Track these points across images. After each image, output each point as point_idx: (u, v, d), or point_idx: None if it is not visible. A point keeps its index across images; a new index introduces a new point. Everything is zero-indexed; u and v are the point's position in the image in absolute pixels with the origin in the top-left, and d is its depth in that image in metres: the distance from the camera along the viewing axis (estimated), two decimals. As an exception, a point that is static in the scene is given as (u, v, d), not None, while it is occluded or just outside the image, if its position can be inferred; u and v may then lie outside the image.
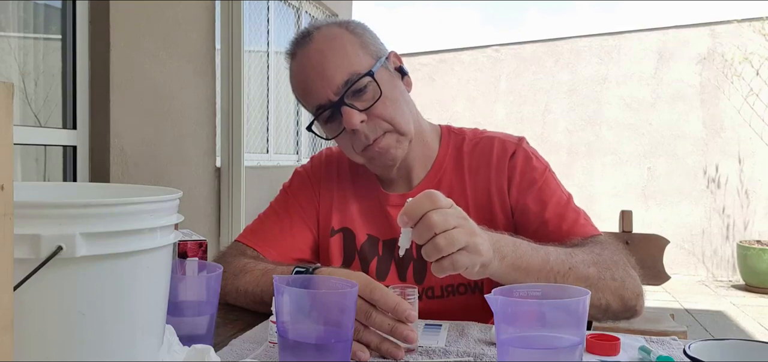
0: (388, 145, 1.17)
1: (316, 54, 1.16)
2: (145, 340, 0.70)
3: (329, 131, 1.21)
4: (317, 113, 1.19)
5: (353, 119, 1.13)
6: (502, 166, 1.23)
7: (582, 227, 1.16)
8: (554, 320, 0.75)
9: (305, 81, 1.18)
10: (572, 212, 1.18)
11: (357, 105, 1.14)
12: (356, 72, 1.14)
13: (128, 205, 0.65)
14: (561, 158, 6.92)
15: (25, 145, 2.51)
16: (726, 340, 0.81)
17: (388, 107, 1.16)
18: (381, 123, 1.16)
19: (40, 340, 0.61)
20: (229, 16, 3.49)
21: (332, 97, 1.14)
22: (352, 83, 1.14)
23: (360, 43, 1.19)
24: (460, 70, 7.39)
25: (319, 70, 1.15)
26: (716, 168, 6.65)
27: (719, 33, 6.60)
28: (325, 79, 1.14)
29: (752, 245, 5.95)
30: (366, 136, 1.16)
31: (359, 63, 1.16)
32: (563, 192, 1.21)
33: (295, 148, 5.38)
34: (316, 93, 1.16)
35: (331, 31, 1.19)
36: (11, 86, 0.51)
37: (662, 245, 2.53)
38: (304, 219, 1.30)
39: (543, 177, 1.21)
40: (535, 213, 1.18)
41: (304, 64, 1.18)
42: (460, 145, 1.28)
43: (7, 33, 2.49)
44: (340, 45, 1.17)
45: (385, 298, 0.89)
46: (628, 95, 6.93)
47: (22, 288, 0.57)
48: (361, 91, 1.15)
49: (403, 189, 1.27)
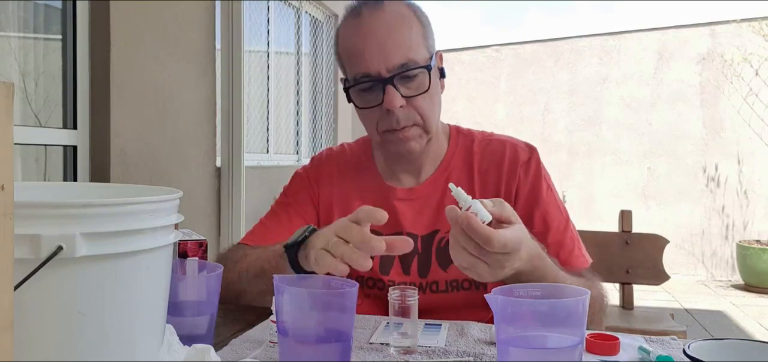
0: (412, 136, 1.19)
1: (382, 24, 1.16)
2: (145, 340, 0.70)
3: (361, 100, 1.20)
4: (360, 80, 1.18)
5: (396, 102, 1.15)
6: (513, 170, 1.24)
7: (576, 258, 1.20)
8: (554, 320, 0.75)
9: (362, 46, 1.17)
10: (569, 240, 1.22)
11: (401, 89, 1.16)
12: (414, 59, 1.16)
13: (128, 205, 0.65)
14: (561, 158, 6.92)
15: (26, 145, 2.51)
16: (726, 340, 0.81)
17: (426, 103, 1.18)
18: (415, 115, 1.18)
19: (40, 340, 0.61)
20: (229, 16, 3.48)
21: (383, 73, 1.15)
22: (408, 69, 1.15)
23: (424, 32, 1.20)
24: (460, 70, 7.38)
25: (380, 42, 1.15)
26: (716, 168, 6.65)
27: (719, 33, 6.60)
28: (384, 53, 1.15)
29: (752, 245, 5.95)
30: (397, 120, 1.17)
31: (418, 51, 1.17)
32: (563, 215, 1.24)
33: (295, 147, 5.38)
34: (368, 61, 1.16)
35: (401, 9, 1.19)
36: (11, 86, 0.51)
37: (662, 245, 2.53)
38: (304, 219, 1.30)
39: (549, 196, 1.24)
40: (537, 234, 1.19)
41: (366, 29, 1.17)
42: (470, 145, 1.30)
43: (8, 33, 2.49)
44: (407, 26, 1.18)
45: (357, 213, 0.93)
46: (628, 95, 6.92)
47: (22, 288, 0.57)
48: (410, 79, 1.16)
49: (410, 183, 1.28)
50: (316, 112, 5.80)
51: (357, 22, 1.19)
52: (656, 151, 6.82)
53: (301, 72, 5.42)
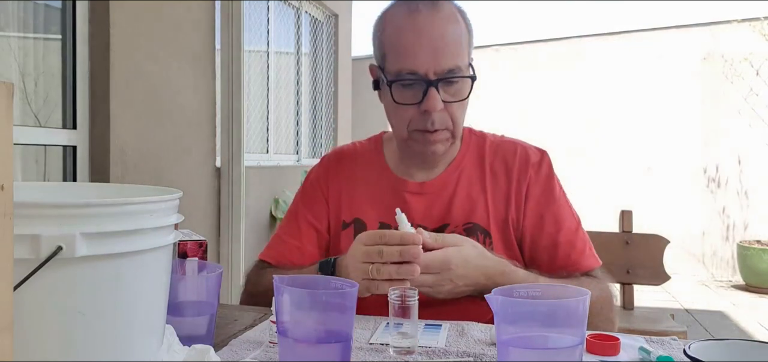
0: (441, 139, 1.20)
1: (438, 26, 1.15)
2: (145, 340, 0.70)
3: (399, 96, 1.19)
4: (404, 76, 1.17)
5: (437, 105, 1.15)
6: (524, 172, 1.26)
7: (586, 259, 1.22)
8: (554, 320, 0.75)
9: (414, 42, 1.15)
10: (580, 241, 1.24)
11: (442, 93, 1.16)
12: (460, 67, 1.17)
13: (128, 205, 0.65)
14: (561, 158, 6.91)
15: (25, 145, 2.51)
16: (726, 340, 0.81)
17: (460, 110, 1.20)
18: (448, 120, 1.19)
19: (40, 340, 0.61)
20: (229, 16, 3.48)
21: (430, 75, 1.15)
22: (454, 75, 1.16)
23: (469, 40, 1.21)
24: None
25: (434, 43, 1.15)
26: (716, 168, 6.65)
27: (719, 33, 6.60)
28: (435, 56, 1.14)
29: (752, 245, 5.95)
30: (432, 122, 1.17)
31: (463, 59, 1.18)
32: (574, 217, 1.26)
33: (295, 147, 5.38)
34: (417, 59, 1.15)
35: (454, 14, 1.19)
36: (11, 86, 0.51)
37: (662, 245, 2.53)
38: (315, 227, 1.31)
39: (561, 197, 1.26)
40: (548, 233, 1.22)
41: (421, 27, 1.16)
42: (482, 144, 1.31)
43: (7, 33, 2.49)
44: (459, 33, 1.18)
45: (391, 235, 1.02)
46: (628, 95, 6.93)
47: (22, 288, 0.57)
48: (452, 84, 1.17)
49: (422, 178, 1.29)
50: (316, 112, 5.80)
51: (412, 17, 1.16)
52: (656, 151, 6.82)
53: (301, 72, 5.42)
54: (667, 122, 6.79)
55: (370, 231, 1.05)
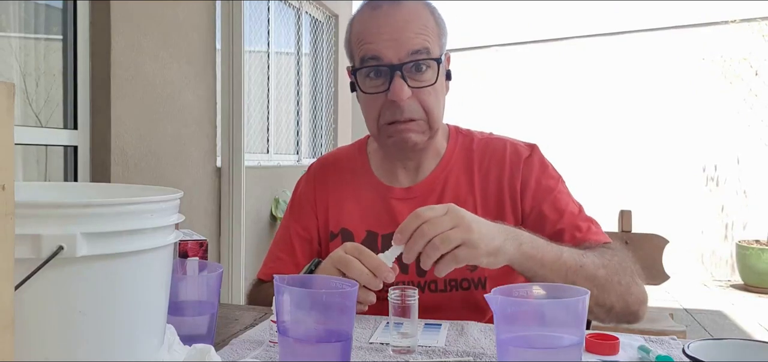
0: (414, 129, 1.18)
1: (400, 16, 1.16)
2: (145, 340, 0.70)
3: (366, 86, 1.19)
4: (367, 61, 1.17)
5: (403, 93, 1.14)
6: (515, 169, 1.24)
7: (595, 235, 1.20)
8: (554, 319, 0.75)
9: (376, 30, 1.16)
10: (585, 221, 1.21)
11: (409, 80, 1.15)
12: (426, 48, 1.16)
13: (129, 205, 0.65)
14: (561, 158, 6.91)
15: (26, 145, 2.51)
16: (725, 340, 0.81)
17: (432, 97, 1.18)
18: (418, 108, 1.17)
19: (41, 340, 0.61)
20: (229, 16, 3.49)
21: (394, 60, 1.15)
22: (420, 58, 1.15)
23: (438, 31, 1.21)
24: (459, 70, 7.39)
25: (396, 28, 1.15)
26: (715, 168, 6.65)
27: (719, 33, 6.60)
28: (399, 40, 1.15)
29: (751, 245, 5.95)
30: (401, 111, 1.16)
31: (432, 45, 1.17)
32: (575, 203, 1.24)
33: (296, 147, 5.38)
34: (380, 45, 1.15)
35: (419, 7, 1.19)
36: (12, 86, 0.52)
37: (661, 245, 2.53)
38: (307, 240, 1.32)
39: (558, 186, 1.24)
40: (551, 222, 1.20)
41: (383, 18, 1.16)
42: (469, 144, 1.29)
43: (8, 33, 2.49)
44: (425, 19, 1.18)
45: (369, 256, 0.99)
46: (628, 95, 6.93)
47: (22, 288, 0.57)
48: (419, 70, 1.16)
49: (408, 182, 1.28)
50: (316, 112, 5.80)
51: (374, 12, 1.18)
52: (656, 150, 6.82)
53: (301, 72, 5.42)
54: (666, 122, 6.79)
55: (354, 244, 1.02)
